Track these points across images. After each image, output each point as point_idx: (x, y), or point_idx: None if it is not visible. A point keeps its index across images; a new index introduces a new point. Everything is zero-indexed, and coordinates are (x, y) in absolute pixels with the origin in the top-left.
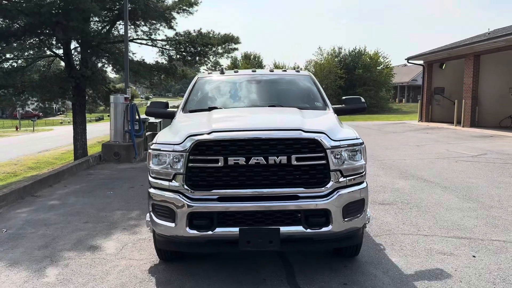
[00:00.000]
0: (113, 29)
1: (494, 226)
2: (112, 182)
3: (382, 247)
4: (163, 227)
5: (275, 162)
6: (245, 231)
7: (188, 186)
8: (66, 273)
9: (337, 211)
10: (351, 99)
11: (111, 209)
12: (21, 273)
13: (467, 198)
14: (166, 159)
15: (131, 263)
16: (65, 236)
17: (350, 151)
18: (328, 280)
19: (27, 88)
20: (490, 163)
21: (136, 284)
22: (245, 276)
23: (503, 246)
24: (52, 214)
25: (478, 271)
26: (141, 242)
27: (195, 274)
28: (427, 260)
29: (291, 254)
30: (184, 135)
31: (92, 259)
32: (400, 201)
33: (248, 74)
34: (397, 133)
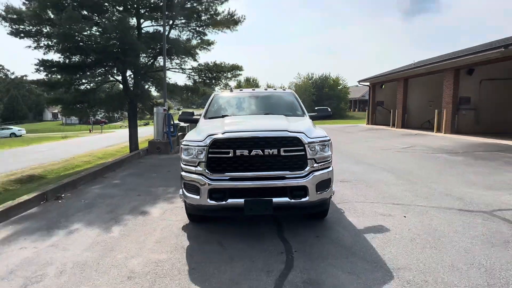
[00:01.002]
0: (155, 61)
1: (418, 196)
2: (155, 168)
3: (342, 211)
4: (191, 199)
5: (269, 153)
6: (248, 201)
7: (208, 170)
8: (125, 230)
9: (312, 187)
10: (321, 109)
11: (155, 186)
12: (94, 230)
13: (400, 177)
14: (193, 151)
15: (170, 223)
16: (124, 205)
17: (321, 145)
18: (306, 234)
19: (97, 103)
20: (415, 152)
21: (173, 237)
22: (249, 231)
23: (424, 209)
24: (115, 190)
25: (408, 226)
26: (177, 209)
27: (214, 230)
28: (373, 219)
29: (281, 218)
30: (205, 135)
31: (143, 220)
32: (354, 179)
33: (249, 92)
34: (352, 133)
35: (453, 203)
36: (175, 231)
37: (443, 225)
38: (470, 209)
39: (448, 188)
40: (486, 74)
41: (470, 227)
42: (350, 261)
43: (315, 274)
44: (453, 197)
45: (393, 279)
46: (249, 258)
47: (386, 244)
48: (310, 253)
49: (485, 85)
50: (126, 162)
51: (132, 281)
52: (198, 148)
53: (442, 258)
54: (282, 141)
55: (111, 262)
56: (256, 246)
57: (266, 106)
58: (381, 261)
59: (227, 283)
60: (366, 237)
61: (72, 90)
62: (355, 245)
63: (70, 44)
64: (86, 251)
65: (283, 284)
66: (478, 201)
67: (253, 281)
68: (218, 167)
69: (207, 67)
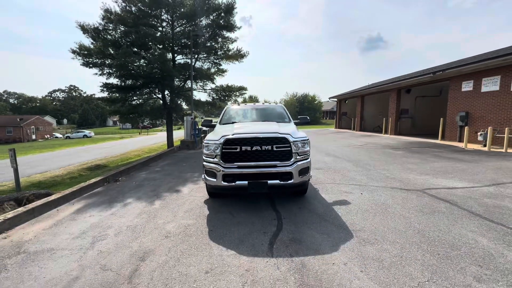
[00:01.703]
0: (185, 84)
1: (371, 179)
2: (185, 159)
3: (317, 189)
4: (210, 181)
5: (265, 149)
6: (250, 183)
7: (222, 161)
8: (164, 203)
9: (296, 172)
10: (302, 117)
11: (185, 172)
12: (141, 203)
13: (358, 165)
14: (211, 147)
15: (195, 198)
16: (163, 185)
17: (302, 143)
18: (291, 206)
19: (144, 114)
20: (369, 148)
21: (198, 208)
22: (251, 204)
23: (375, 188)
24: (157, 175)
25: (363, 200)
26: (200, 188)
27: (226, 203)
28: (339, 196)
29: (274, 195)
30: (220, 135)
31: (176, 196)
32: (326, 167)
33: (251, 105)
34: (324, 134)
35: (396, 184)
36: (199, 204)
37: (389, 199)
38: (408, 188)
39: (393, 173)
40: (419, 92)
41: (407, 201)
42: (322, 225)
43: (298, 234)
44: (396, 179)
45: (353, 237)
46: (251, 223)
47: (348, 213)
48: (295, 220)
49: (419, 100)
50: (164, 155)
51: (169, 239)
52: (215, 145)
53: (387, 223)
54: (275, 140)
55: (153, 226)
56: (256, 215)
57: (263, 115)
58: (344, 225)
59: (236, 241)
60: (334, 208)
61: (126, 104)
62: (326, 214)
63: (124, 72)
64: (136, 218)
65: (275, 241)
66: (414, 183)
67: (254, 239)
68: (229, 159)
69: (222, 88)
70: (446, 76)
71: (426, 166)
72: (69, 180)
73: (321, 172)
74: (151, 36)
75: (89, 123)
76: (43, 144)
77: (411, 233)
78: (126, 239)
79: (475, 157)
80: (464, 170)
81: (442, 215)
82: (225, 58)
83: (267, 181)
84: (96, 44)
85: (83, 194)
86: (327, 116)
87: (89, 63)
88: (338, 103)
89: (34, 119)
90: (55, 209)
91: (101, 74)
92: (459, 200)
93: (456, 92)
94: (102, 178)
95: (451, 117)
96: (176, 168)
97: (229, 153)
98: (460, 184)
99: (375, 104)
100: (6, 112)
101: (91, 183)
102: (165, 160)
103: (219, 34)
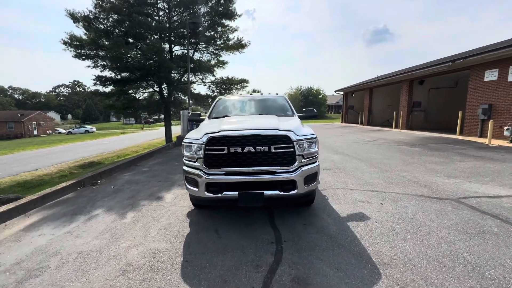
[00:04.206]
0: (183, 77)
1: (390, 183)
2: (178, 157)
3: (326, 197)
4: (191, 191)
5: (260, 150)
6: (241, 194)
7: (206, 165)
8: (138, 216)
9: (300, 180)
10: (308, 110)
11: (174, 173)
12: (111, 216)
13: (372, 165)
14: (192, 148)
15: (178, 209)
16: (145, 190)
17: (308, 142)
18: (294, 221)
19: (140, 108)
20: (381, 144)
21: (177, 224)
22: (243, 218)
23: (397, 196)
24: (142, 176)
25: (386, 214)
26: (186, 194)
27: (213, 216)
28: (354, 206)
29: (272, 206)
30: (203, 133)
31: (155, 206)
32: (335, 167)
33: (248, 96)
34: (330, 129)
35: (422, 190)
36: (180, 217)
37: (418, 213)
38: (438, 196)
39: (415, 176)
40: (433, 84)
41: (443, 216)
42: (336, 254)
43: (304, 270)
44: (420, 184)
45: (381, 278)
46: (241, 248)
47: (369, 234)
48: (299, 244)
49: (432, 92)
50: (157, 153)
51: (125, 277)
52: (197, 145)
53: (425, 252)
54: (273, 138)
55: (113, 252)
56: (249, 234)
57: (262, 108)
58: (366, 255)
59: (217, 281)
60: (350, 226)
61: (122, 98)
62: (340, 235)
63: (119, 64)
64: (96, 239)
65: (271, 283)
66: (443, 188)
67: (242, 279)
68: (214, 163)
69: (222, 80)
70: (467, 65)
71: (453, 167)
72: (58, 179)
73: (329, 173)
74: (146, 25)
75: (92, 118)
76: (43, 140)
77: (463, 272)
78: (69, 276)
79: (506, 156)
80: (500, 172)
81: (496, 238)
82: (225, 48)
83: (263, 192)
84: (89, 34)
85: (46, 202)
86: (332, 110)
87: (82, 54)
88: (344, 96)
89: (35, 114)
90: (3, 224)
91: (95, 66)
92: (511, 214)
93: (478, 82)
94: (75, 182)
95: (471, 110)
96: (166, 168)
97: (214, 155)
98: (503, 191)
99: (384, 97)
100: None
101: (58, 188)
102: (156, 158)
103: (219, 22)
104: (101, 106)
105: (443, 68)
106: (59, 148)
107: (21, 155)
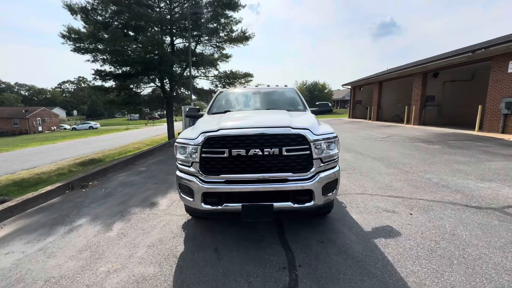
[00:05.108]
0: (185, 71)
1: (415, 187)
2: None
3: (344, 205)
4: (186, 200)
5: (269, 153)
6: (246, 206)
7: (202, 171)
8: (126, 227)
9: (318, 190)
10: (322, 104)
11: (173, 174)
12: (95, 227)
13: (390, 165)
14: (187, 150)
15: (172, 218)
16: (138, 194)
17: (327, 142)
18: (309, 237)
19: (142, 103)
20: (396, 141)
21: (171, 239)
22: (249, 232)
23: (428, 204)
24: (138, 177)
25: (419, 228)
26: None
27: (212, 229)
28: (378, 217)
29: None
30: (198, 132)
31: (148, 214)
32: (349, 167)
33: (252, 88)
34: (338, 124)
35: (455, 196)
36: (174, 230)
37: (459, 228)
38: (477, 205)
39: (442, 178)
40: (448, 77)
41: (490, 232)
42: (367, 286)
43: None
44: (451, 189)
45: None
46: (245, 276)
47: (404, 258)
48: (317, 269)
49: (447, 86)
50: (157, 150)
51: None
52: (191, 147)
53: (483, 287)
54: (285, 139)
55: (88, 279)
56: (255, 255)
57: (268, 101)
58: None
59: None
60: (378, 245)
61: (122, 94)
62: (368, 258)
63: (119, 58)
64: (71, 260)
65: None
66: (479, 195)
67: None
68: (212, 168)
69: (226, 75)
70: (488, 55)
71: (483, 168)
72: (56, 177)
73: (344, 175)
74: (146, 16)
75: (97, 114)
76: (47, 136)
77: None
78: None
79: None
80: None
81: None
82: (229, 41)
83: (272, 204)
84: (88, 27)
85: (26, 209)
86: (338, 105)
87: (81, 48)
88: (352, 91)
89: (39, 110)
90: None
91: (94, 60)
92: None
93: (500, 74)
94: (62, 184)
95: (492, 104)
96: (165, 167)
97: (212, 159)
98: None
99: (394, 91)
100: (17, 104)
101: (42, 193)
102: (156, 156)
103: (222, 13)
104: (102, 102)
105: (461, 59)
106: (62, 145)
107: (23, 152)
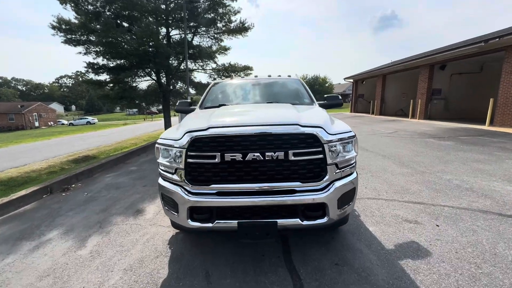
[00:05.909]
0: (182, 64)
1: (435, 191)
2: None
3: (357, 213)
4: (170, 215)
5: (272, 157)
6: (243, 224)
7: (188, 180)
8: (102, 243)
9: (333, 203)
10: (331, 96)
11: None
12: (66, 243)
13: (402, 164)
14: (170, 153)
15: (159, 230)
16: (124, 199)
17: (343, 143)
18: (320, 258)
19: (137, 98)
20: (403, 137)
21: (153, 259)
22: (246, 251)
23: (454, 213)
24: (126, 178)
25: (451, 245)
26: None
27: (204, 248)
28: (399, 230)
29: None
30: (183, 131)
31: (130, 226)
32: (357, 167)
33: (251, 79)
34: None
35: (484, 202)
36: (158, 247)
37: (499, 243)
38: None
39: (464, 180)
40: (455, 69)
41: None
42: None
43: None
44: (477, 192)
45: None
46: None
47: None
48: None
49: (454, 79)
50: (151, 147)
51: None
52: (175, 150)
53: None
54: (292, 139)
55: None
56: (254, 284)
57: (270, 93)
58: None
59: None
60: (405, 269)
61: (116, 88)
62: None
63: (112, 50)
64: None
65: None
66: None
67: None
68: (200, 177)
69: (224, 68)
70: (502, 45)
71: (505, 167)
72: (46, 175)
73: None
74: (139, 5)
75: (96, 109)
76: (43, 132)
77: None
78: None
79: None
80: None
81: None
82: (227, 32)
83: (275, 222)
84: (80, 18)
85: None
86: None
87: (72, 40)
88: (354, 84)
89: (36, 105)
90: None
91: (86, 53)
92: None
93: None
94: (39, 188)
95: (504, 97)
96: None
97: (201, 165)
98: None
99: (398, 85)
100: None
101: (13, 199)
102: (149, 153)
103: (219, 2)
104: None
105: (473, 49)
106: (57, 141)
107: (16, 148)
